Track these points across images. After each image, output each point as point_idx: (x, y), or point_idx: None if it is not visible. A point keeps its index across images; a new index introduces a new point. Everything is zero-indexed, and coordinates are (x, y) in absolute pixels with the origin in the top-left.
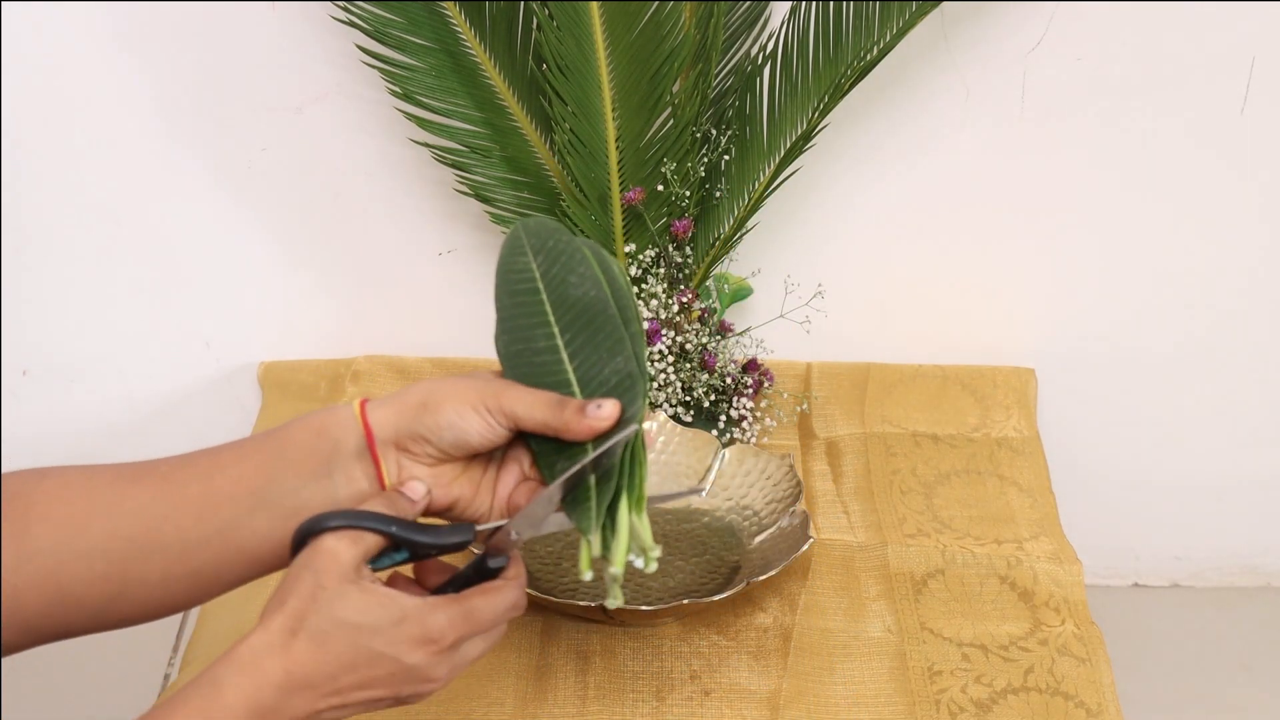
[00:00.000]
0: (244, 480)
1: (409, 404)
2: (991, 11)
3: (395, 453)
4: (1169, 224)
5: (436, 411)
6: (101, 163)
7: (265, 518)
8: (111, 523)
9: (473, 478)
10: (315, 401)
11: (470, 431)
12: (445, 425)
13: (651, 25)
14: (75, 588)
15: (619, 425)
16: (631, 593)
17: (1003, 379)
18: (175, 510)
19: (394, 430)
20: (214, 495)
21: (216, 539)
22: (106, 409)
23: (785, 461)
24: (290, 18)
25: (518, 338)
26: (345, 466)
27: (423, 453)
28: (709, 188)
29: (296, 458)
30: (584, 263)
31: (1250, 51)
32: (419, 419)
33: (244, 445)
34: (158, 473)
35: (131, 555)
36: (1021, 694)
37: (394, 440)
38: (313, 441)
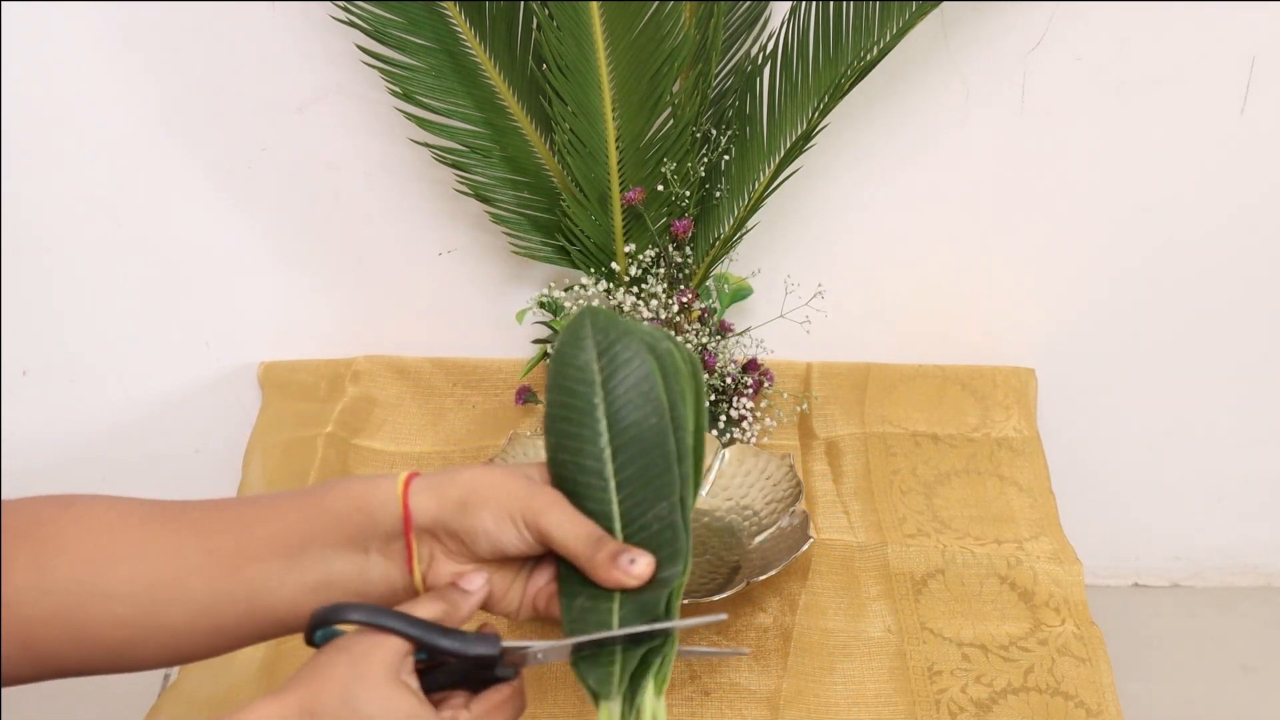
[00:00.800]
0: (278, 541)
1: (450, 498)
2: (991, 11)
3: (430, 542)
4: (1168, 224)
5: (475, 514)
6: (101, 163)
7: (295, 583)
8: (138, 566)
9: (505, 576)
10: (315, 402)
11: (505, 543)
12: (480, 531)
13: (651, 25)
14: (94, 628)
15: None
16: None
17: (1003, 379)
18: (205, 561)
19: (432, 520)
20: (246, 552)
21: (244, 597)
22: (106, 409)
23: (785, 461)
24: (290, 18)
25: (565, 446)
26: (380, 546)
27: (456, 550)
28: (709, 188)
29: (332, 525)
30: (649, 380)
31: (1250, 51)
32: (456, 517)
33: (280, 502)
34: (189, 519)
35: (156, 602)
36: (1021, 694)
37: (430, 529)
38: (350, 512)
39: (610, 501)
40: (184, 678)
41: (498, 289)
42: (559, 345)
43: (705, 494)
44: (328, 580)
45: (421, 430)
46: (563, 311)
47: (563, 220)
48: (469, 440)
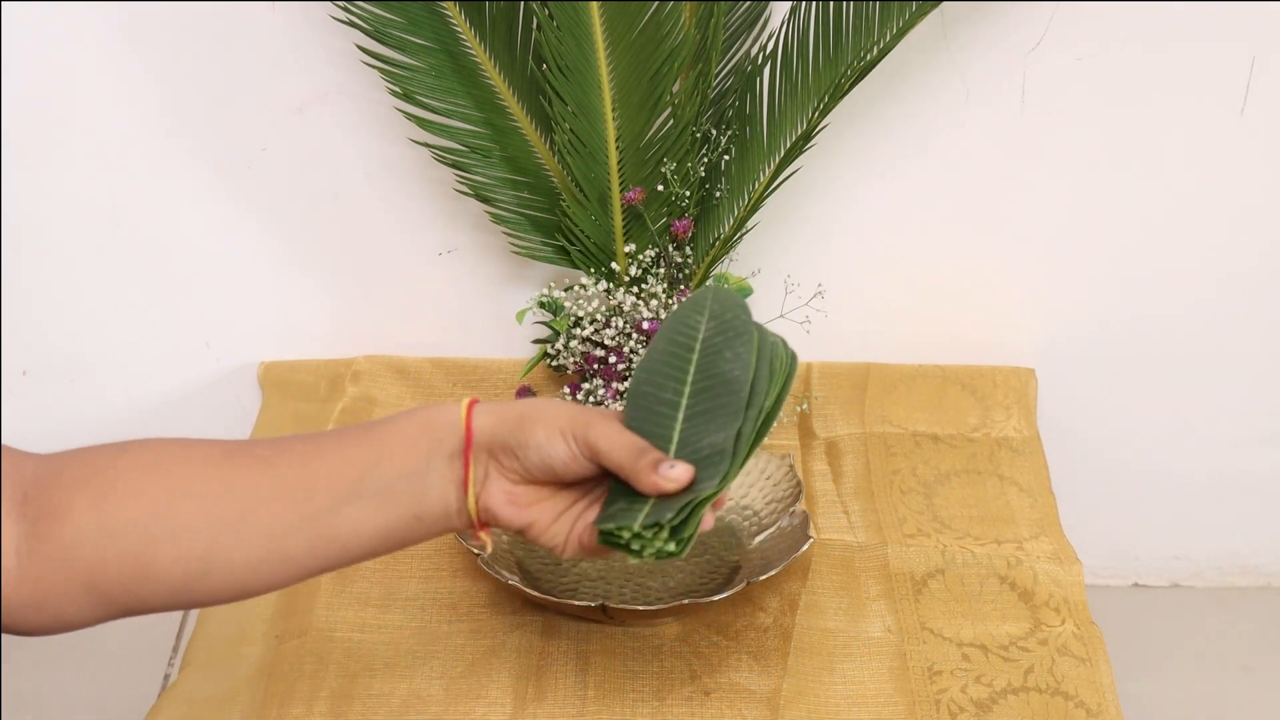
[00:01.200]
0: (342, 469)
1: (509, 415)
2: (991, 11)
3: (487, 459)
4: (1169, 224)
5: (529, 429)
6: (101, 163)
7: (359, 508)
8: (204, 503)
9: (555, 506)
10: (315, 402)
11: (554, 456)
12: (533, 445)
13: (651, 25)
14: (160, 566)
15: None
16: (631, 592)
17: (1003, 379)
18: (270, 495)
19: (490, 437)
20: (311, 482)
21: (308, 526)
22: (106, 409)
23: (785, 461)
24: (290, 18)
25: (652, 380)
26: (441, 466)
27: (510, 468)
28: (709, 188)
29: (398, 451)
30: (746, 344)
31: (1250, 51)
32: (513, 432)
33: (345, 435)
34: (255, 455)
35: (223, 536)
36: (1021, 694)
37: (488, 447)
38: (416, 436)
39: (673, 429)
40: (184, 678)
41: (498, 289)
42: (680, 308)
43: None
44: (390, 502)
45: None
46: (563, 311)
47: (563, 220)
48: None
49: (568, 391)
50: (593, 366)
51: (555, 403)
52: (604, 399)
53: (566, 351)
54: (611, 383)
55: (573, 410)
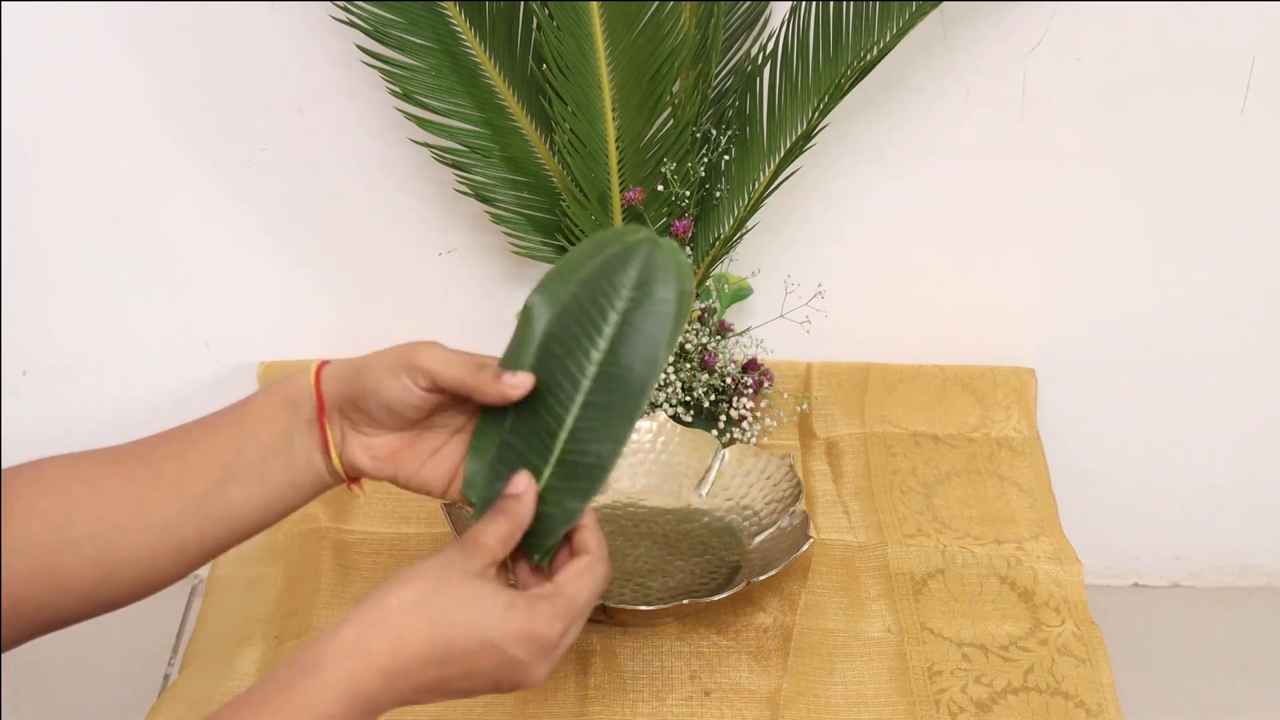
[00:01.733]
0: (214, 454)
1: (348, 371)
2: (991, 11)
3: (340, 419)
4: (1169, 224)
5: (364, 377)
6: (101, 163)
7: (238, 488)
8: (96, 507)
9: (420, 451)
10: None
11: (392, 396)
12: (370, 391)
13: (651, 25)
14: (67, 576)
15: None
16: (631, 593)
17: (1003, 379)
18: (154, 489)
19: (339, 398)
20: (189, 471)
21: (195, 512)
22: (106, 409)
23: (785, 461)
24: (290, 18)
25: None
26: (301, 433)
27: (361, 422)
28: (709, 188)
29: (261, 428)
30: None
31: (1250, 51)
32: (352, 385)
33: (214, 419)
34: (135, 454)
35: (117, 537)
36: (1021, 694)
37: (339, 407)
38: (275, 410)
39: (568, 414)
40: (184, 678)
41: (498, 289)
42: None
43: (705, 494)
44: (264, 478)
45: None
46: None
47: (563, 220)
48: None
49: None
50: None
51: (391, 347)
52: None
53: None
54: None
55: (402, 347)
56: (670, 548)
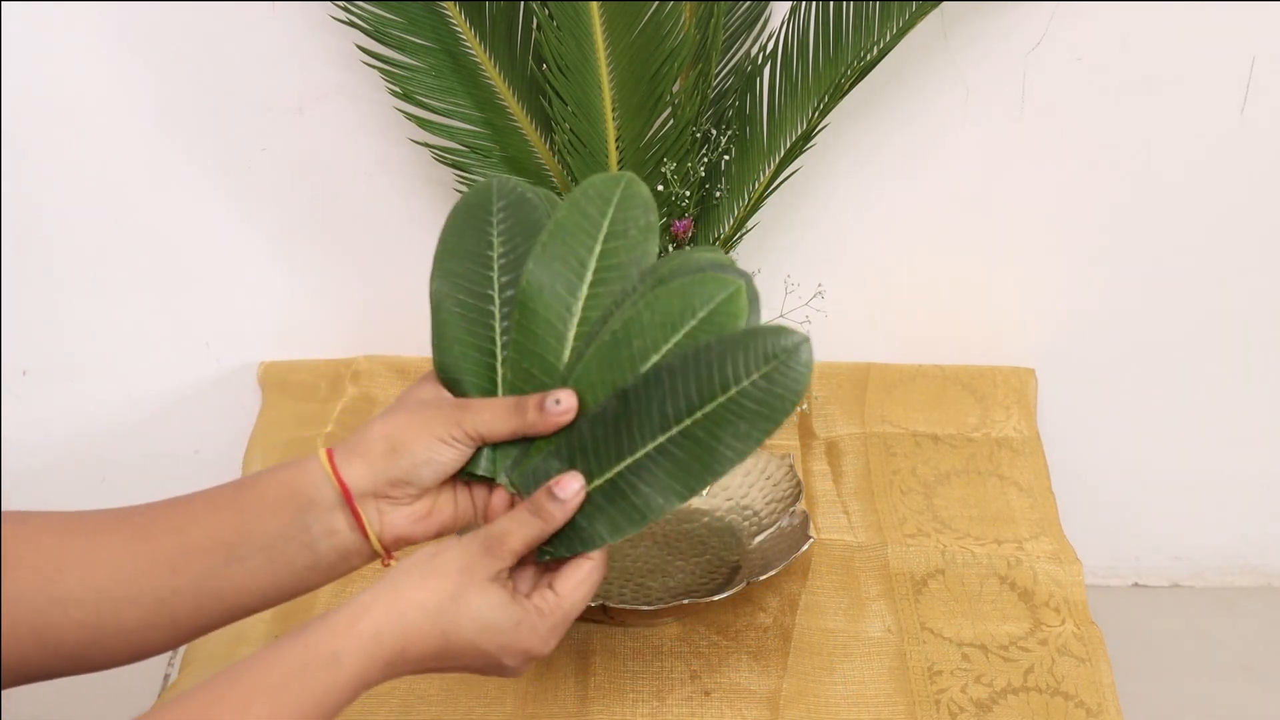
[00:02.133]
0: (217, 533)
1: (377, 451)
2: (991, 11)
3: (374, 501)
4: (1169, 224)
5: (408, 453)
6: (101, 163)
7: (239, 569)
8: (87, 572)
9: (450, 498)
10: (315, 402)
11: (445, 462)
12: (422, 463)
13: (651, 25)
14: (52, 634)
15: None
16: (631, 592)
17: (1003, 379)
18: (151, 563)
19: (371, 482)
20: (188, 548)
21: (192, 589)
22: (106, 409)
23: (785, 461)
24: (290, 18)
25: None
26: (323, 519)
27: (403, 494)
28: (709, 188)
29: (267, 512)
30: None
31: (1250, 51)
32: (393, 465)
33: (217, 496)
34: (132, 523)
35: (108, 604)
36: (1021, 694)
37: (372, 491)
38: (284, 496)
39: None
40: (184, 678)
41: None
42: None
43: (705, 494)
44: (272, 562)
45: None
46: None
47: None
48: None
49: None
50: None
51: (409, 413)
52: None
53: None
54: None
55: (430, 413)
56: (670, 548)
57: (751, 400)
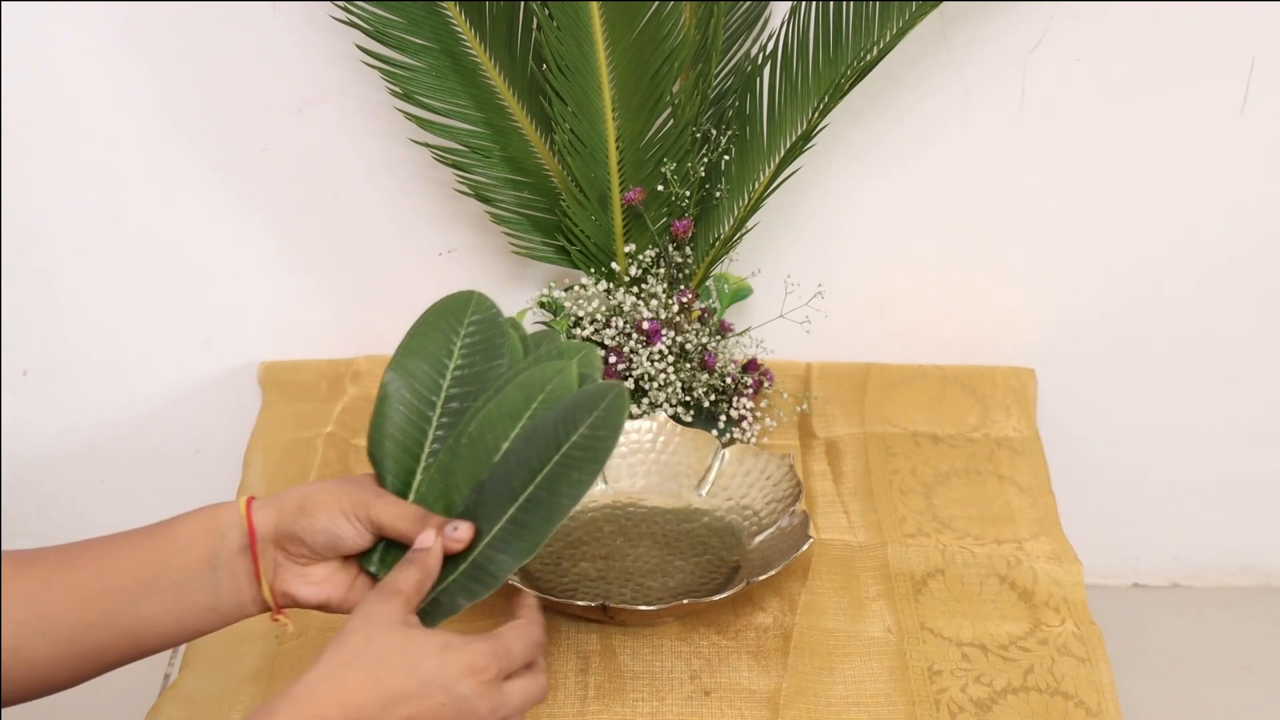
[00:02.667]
0: (132, 570)
1: (289, 506)
2: (991, 11)
3: (274, 550)
4: (1169, 224)
5: (312, 516)
6: (101, 163)
7: (151, 606)
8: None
9: (345, 578)
10: (315, 402)
11: (342, 536)
12: (319, 529)
13: (651, 25)
14: None
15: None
16: (631, 592)
17: (1003, 379)
18: (65, 596)
19: (274, 530)
20: (103, 583)
21: (105, 625)
22: (106, 409)
23: (785, 461)
24: (290, 18)
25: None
26: (229, 561)
27: (298, 553)
28: (709, 188)
29: (184, 550)
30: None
31: (1250, 51)
32: (296, 521)
33: (135, 536)
34: (49, 560)
35: (19, 638)
36: (1021, 694)
37: (274, 539)
38: (200, 536)
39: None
40: (184, 677)
41: (498, 289)
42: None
43: (705, 494)
44: (181, 600)
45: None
46: (563, 311)
47: (563, 220)
48: None
49: None
50: None
51: (329, 486)
52: None
53: None
54: None
55: (348, 490)
56: (670, 548)
57: (580, 450)
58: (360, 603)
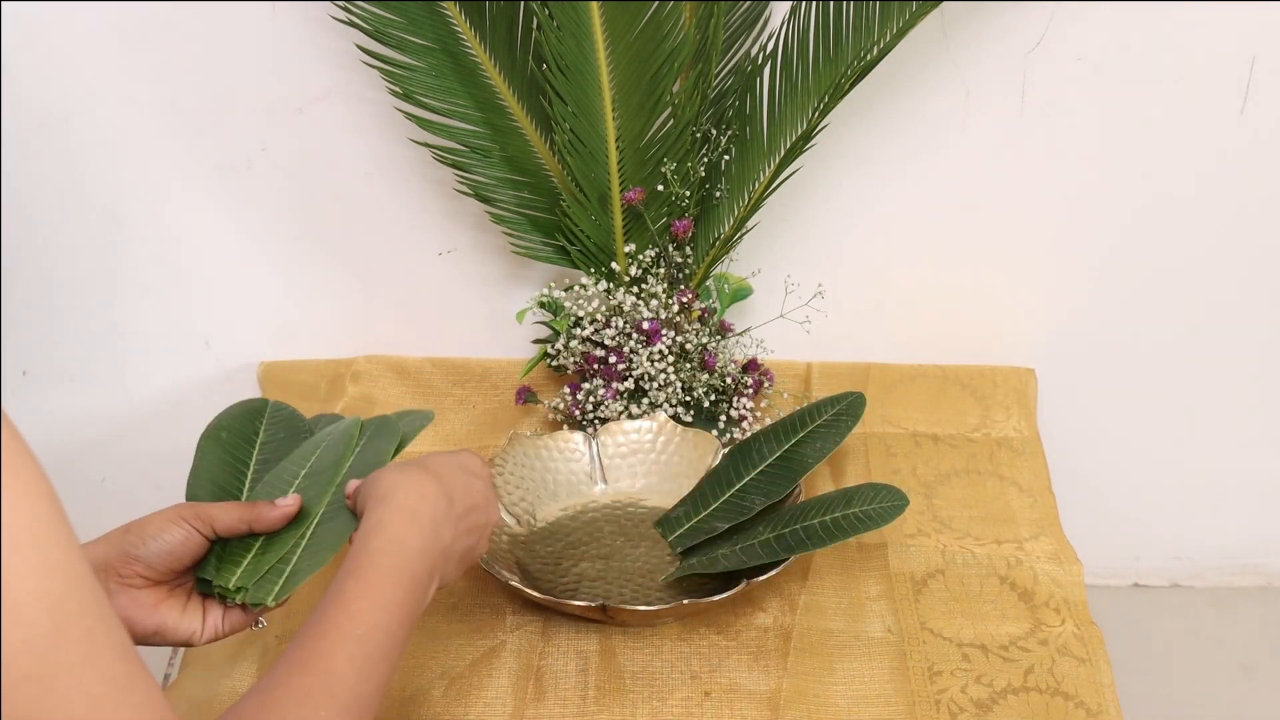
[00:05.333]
0: None
1: (115, 534)
2: (991, 11)
3: (105, 579)
4: (1169, 224)
5: (140, 528)
6: (101, 163)
7: None
8: None
9: (179, 601)
10: (315, 402)
11: (173, 540)
12: (150, 537)
13: (651, 25)
14: None
15: None
16: (631, 593)
17: (1003, 379)
18: None
19: (103, 558)
20: None
21: None
22: (106, 409)
23: None
24: (290, 18)
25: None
26: None
27: (132, 573)
28: (709, 188)
29: None
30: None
31: (1250, 51)
32: (124, 540)
33: None
34: None
35: None
36: (1021, 694)
37: (104, 567)
38: None
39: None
40: (184, 677)
41: (498, 289)
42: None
43: None
44: None
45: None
46: (563, 311)
47: (563, 220)
48: (469, 440)
49: (568, 391)
50: (593, 366)
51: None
52: (604, 399)
53: (566, 351)
54: (611, 382)
55: (175, 506)
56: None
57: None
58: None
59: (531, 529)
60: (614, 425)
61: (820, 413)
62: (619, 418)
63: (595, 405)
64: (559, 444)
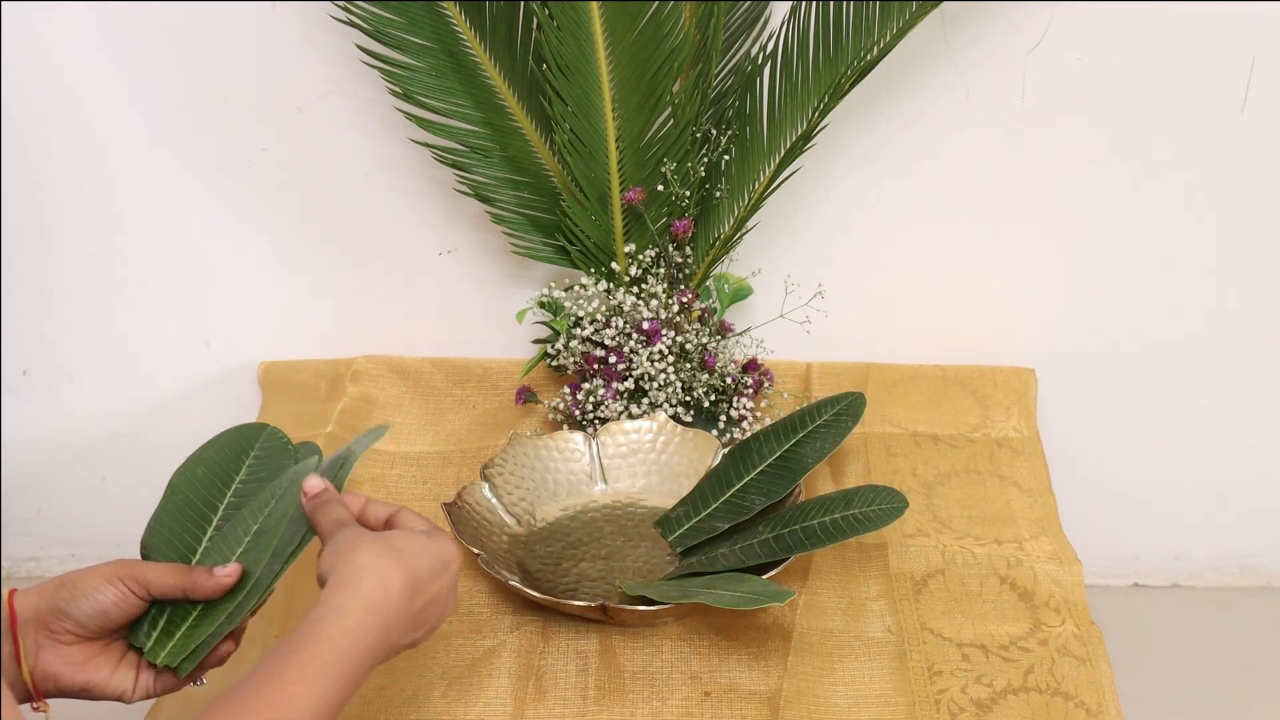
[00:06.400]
0: None
1: (50, 586)
2: (991, 11)
3: (35, 632)
4: (1168, 224)
5: (73, 586)
6: (101, 163)
7: None
8: None
9: (111, 658)
10: (315, 402)
11: (105, 600)
12: (82, 595)
13: (651, 25)
14: None
15: None
16: None
17: (1003, 379)
18: None
19: (34, 610)
20: None
21: None
22: (106, 409)
23: None
24: (290, 18)
25: None
26: None
27: (62, 629)
28: (709, 188)
29: None
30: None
31: (1250, 51)
32: (57, 594)
33: None
34: None
35: None
36: (1021, 694)
37: (35, 620)
38: None
39: None
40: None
41: (498, 289)
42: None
43: None
44: None
45: (421, 430)
46: (563, 311)
47: (563, 220)
48: (469, 440)
49: (568, 391)
50: (593, 366)
51: (93, 566)
52: (604, 399)
53: (566, 351)
54: (611, 382)
55: (110, 563)
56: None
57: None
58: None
59: (531, 529)
60: (614, 425)
61: (820, 413)
62: (619, 418)
63: (595, 405)
64: (559, 444)
